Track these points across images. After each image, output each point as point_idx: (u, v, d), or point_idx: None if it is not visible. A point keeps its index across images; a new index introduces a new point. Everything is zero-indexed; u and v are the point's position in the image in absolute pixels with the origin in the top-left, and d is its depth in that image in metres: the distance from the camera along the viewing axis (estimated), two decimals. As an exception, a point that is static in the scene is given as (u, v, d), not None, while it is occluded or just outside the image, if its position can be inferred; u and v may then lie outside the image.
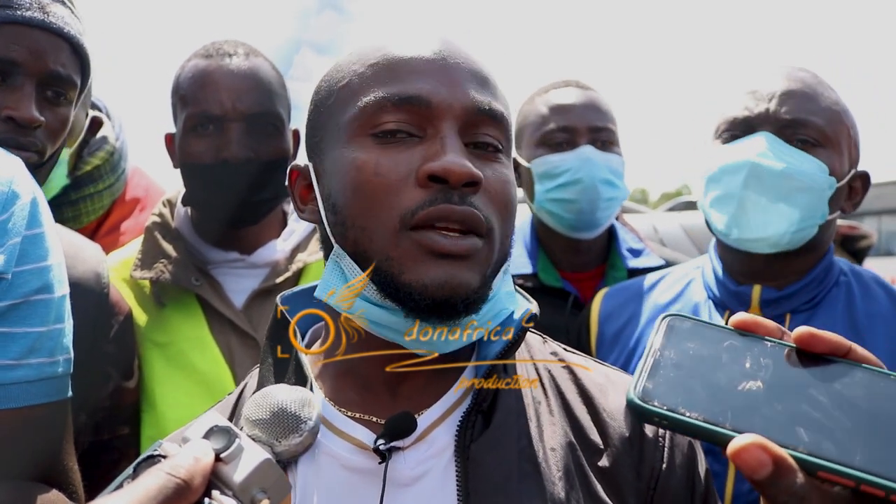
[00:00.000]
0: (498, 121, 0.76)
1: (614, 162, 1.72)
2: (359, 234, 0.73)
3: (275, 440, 0.69)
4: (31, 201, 0.89)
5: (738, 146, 1.27)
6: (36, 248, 0.88)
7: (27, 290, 0.87)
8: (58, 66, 1.13)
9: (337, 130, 0.77)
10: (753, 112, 1.27)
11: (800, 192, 1.23)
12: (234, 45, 1.44)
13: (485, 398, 0.76)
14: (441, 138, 0.72)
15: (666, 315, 0.58)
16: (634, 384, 0.52)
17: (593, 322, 1.48)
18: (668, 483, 0.77)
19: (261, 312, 1.42)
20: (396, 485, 0.73)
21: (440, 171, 0.70)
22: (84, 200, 1.69)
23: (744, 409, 0.50)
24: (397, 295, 0.71)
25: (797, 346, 0.53)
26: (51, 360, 0.90)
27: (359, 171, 0.73)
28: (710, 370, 0.53)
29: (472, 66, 0.77)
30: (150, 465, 0.60)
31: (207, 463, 0.59)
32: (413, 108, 0.73)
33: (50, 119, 1.14)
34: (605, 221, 1.75)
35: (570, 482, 0.74)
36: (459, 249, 0.71)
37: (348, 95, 0.77)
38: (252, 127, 1.38)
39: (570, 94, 1.72)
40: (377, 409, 0.77)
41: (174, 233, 1.47)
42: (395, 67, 0.75)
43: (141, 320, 1.43)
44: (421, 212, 0.70)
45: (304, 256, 1.47)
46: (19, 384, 0.87)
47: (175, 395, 1.39)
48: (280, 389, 0.73)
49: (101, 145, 1.71)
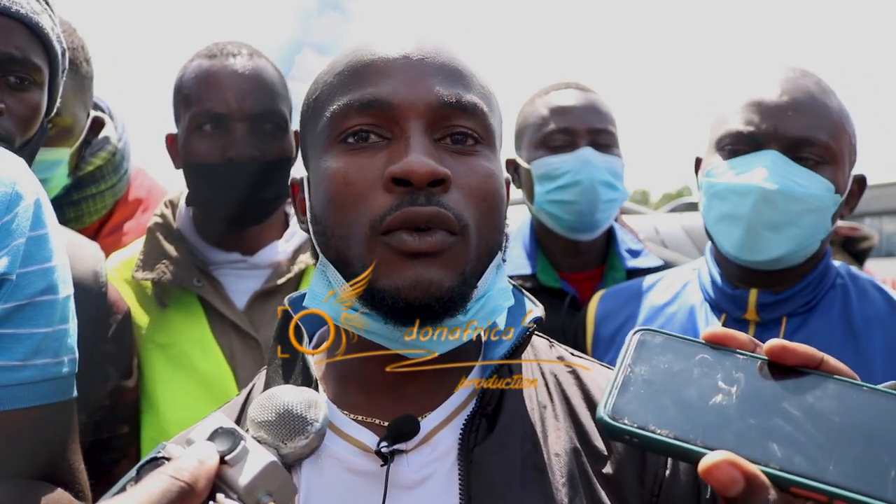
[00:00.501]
0: (470, 112, 0.75)
1: (614, 164, 1.72)
2: (338, 243, 0.73)
3: (280, 442, 0.68)
4: (35, 202, 0.89)
5: (745, 167, 1.25)
6: (40, 249, 0.88)
7: (32, 291, 0.86)
8: (10, 48, 1.06)
9: (314, 142, 0.78)
10: (760, 129, 1.25)
11: (808, 214, 1.23)
12: (237, 45, 1.45)
13: (489, 401, 0.75)
14: (406, 139, 0.72)
15: (637, 330, 0.57)
16: (605, 402, 0.52)
17: (589, 323, 1.48)
18: (672, 490, 0.76)
19: (262, 313, 1.43)
20: (399, 488, 0.73)
21: (400, 172, 0.70)
22: (86, 201, 1.68)
23: (715, 425, 0.49)
24: (374, 301, 0.71)
25: (769, 358, 0.53)
26: (56, 360, 0.90)
27: (331, 180, 0.73)
28: (681, 385, 0.52)
29: (440, 61, 0.76)
30: (153, 467, 0.59)
31: (212, 466, 0.58)
32: (375, 112, 0.73)
33: (14, 105, 1.08)
34: (605, 223, 1.75)
35: (574, 488, 0.73)
36: (425, 246, 0.70)
37: (319, 106, 0.78)
38: (256, 126, 1.39)
39: (570, 96, 1.73)
40: (381, 411, 0.77)
41: (176, 233, 1.47)
42: (359, 72, 0.75)
43: (142, 321, 1.43)
44: (389, 217, 0.70)
45: (305, 258, 1.47)
46: (25, 385, 0.87)
47: (176, 395, 1.39)
48: (286, 391, 0.71)
49: (103, 145, 1.70)
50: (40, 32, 1.10)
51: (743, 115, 1.28)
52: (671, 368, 0.53)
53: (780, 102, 1.25)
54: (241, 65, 1.41)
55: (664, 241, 3.09)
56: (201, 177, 1.41)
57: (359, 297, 0.72)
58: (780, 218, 1.22)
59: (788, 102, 1.25)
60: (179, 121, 1.44)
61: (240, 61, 1.41)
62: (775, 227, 1.23)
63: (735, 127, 1.28)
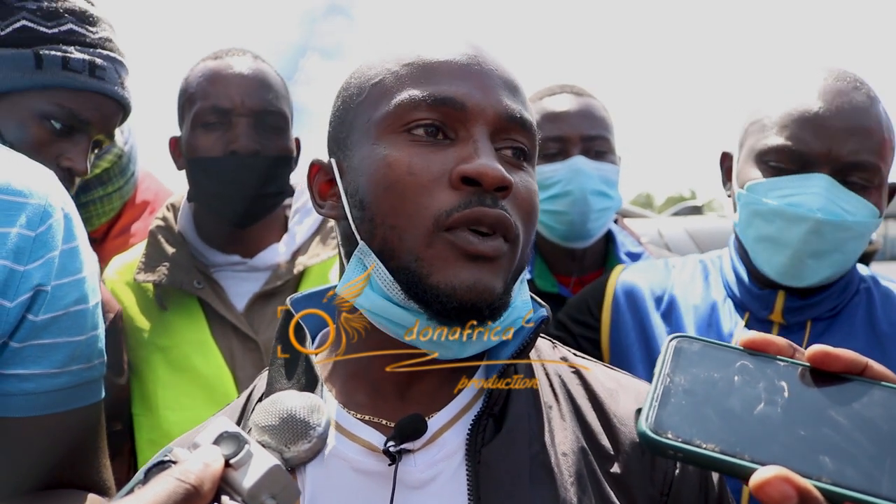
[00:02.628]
0: (527, 129, 0.77)
1: (607, 171, 1.70)
2: (388, 233, 0.72)
3: (284, 446, 0.69)
4: (65, 215, 0.92)
5: (794, 191, 1.17)
6: (72, 261, 0.92)
7: (67, 301, 0.90)
8: (112, 129, 1.26)
9: (367, 127, 0.76)
10: (812, 150, 1.16)
11: (852, 241, 1.18)
12: (241, 50, 1.49)
13: (496, 401, 0.75)
14: (474, 141, 0.73)
15: (673, 337, 0.55)
16: (646, 415, 0.49)
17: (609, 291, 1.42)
18: (681, 489, 0.76)
19: (262, 315, 1.43)
20: (406, 487, 0.73)
21: (474, 173, 0.70)
22: (93, 203, 1.70)
23: (762, 438, 0.47)
24: (424, 296, 0.70)
25: (811, 365, 0.51)
26: (89, 365, 0.95)
27: (390, 168, 0.72)
28: (723, 395, 0.50)
29: (505, 74, 0.78)
30: (160, 470, 0.60)
31: (217, 469, 0.59)
32: (447, 110, 0.73)
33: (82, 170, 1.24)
34: (598, 231, 1.74)
35: (583, 488, 0.73)
36: (488, 250, 0.70)
37: (381, 93, 0.76)
38: (259, 122, 1.41)
39: (563, 102, 1.70)
40: (387, 411, 0.77)
41: (177, 236, 1.48)
42: (430, 69, 0.75)
43: (143, 324, 1.44)
44: (456, 213, 0.70)
45: (304, 259, 1.48)
46: (62, 391, 0.92)
47: (176, 397, 1.40)
48: (289, 396, 0.72)
49: (110, 148, 1.72)
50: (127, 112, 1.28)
51: (793, 131, 1.18)
52: (711, 377, 0.52)
53: (836, 122, 1.16)
54: (244, 64, 1.44)
55: (668, 245, 3.09)
56: (204, 171, 1.43)
57: (404, 290, 0.71)
58: (827, 247, 1.18)
59: (844, 123, 1.16)
60: (183, 122, 1.46)
61: (243, 61, 1.44)
62: (820, 256, 1.19)
63: (783, 142, 1.18)
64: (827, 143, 1.15)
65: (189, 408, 1.38)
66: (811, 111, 1.17)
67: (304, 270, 1.47)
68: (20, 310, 0.86)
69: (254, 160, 1.39)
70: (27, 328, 0.88)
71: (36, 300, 0.87)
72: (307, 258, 1.48)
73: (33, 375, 0.89)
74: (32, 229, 0.87)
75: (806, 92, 1.20)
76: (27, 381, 0.89)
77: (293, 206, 1.56)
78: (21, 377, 0.89)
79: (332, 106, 0.84)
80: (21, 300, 0.86)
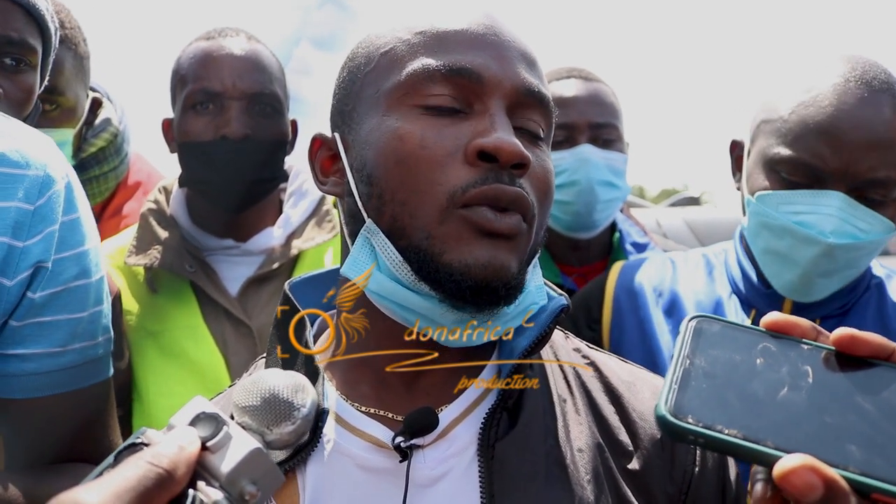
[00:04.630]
0: (544, 106, 0.73)
1: (615, 160, 1.65)
2: (398, 209, 0.68)
3: (266, 428, 0.65)
4: (66, 185, 0.88)
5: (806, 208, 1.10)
6: (73, 233, 0.88)
7: (67, 276, 0.87)
8: (9, 30, 1.07)
9: (376, 98, 0.72)
10: (828, 165, 1.08)
11: (866, 257, 1.14)
12: (234, 30, 1.45)
13: (510, 395, 0.72)
14: (490, 115, 0.69)
15: (692, 317, 0.53)
16: (665, 397, 0.47)
17: (609, 291, 1.38)
18: (700, 487, 0.73)
19: (255, 300, 1.41)
20: (415, 485, 0.69)
21: (492, 148, 0.66)
22: (90, 182, 1.68)
23: (786, 424, 0.46)
24: (436, 276, 0.66)
25: (836, 348, 0.49)
26: (93, 342, 0.92)
27: (402, 141, 0.68)
28: (745, 379, 0.48)
29: (522, 46, 0.74)
30: (131, 452, 0.56)
31: (192, 452, 0.55)
32: (463, 81, 0.69)
33: (10, 89, 1.09)
34: (604, 222, 1.70)
35: (599, 485, 0.70)
36: (504, 227, 0.66)
37: (392, 62, 0.72)
38: (252, 106, 1.38)
39: (570, 87, 1.65)
40: (393, 404, 0.73)
41: (169, 219, 1.46)
42: (445, 38, 0.71)
43: (134, 308, 1.41)
44: (472, 189, 0.66)
45: (299, 243, 1.45)
46: (66, 370, 0.89)
47: (167, 383, 1.38)
48: (272, 374, 0.68)
49: (105, 127, 1.71)
50: (36, 14, 1.10)
51: (808, 143, 1.09)
52: (732, 359, 0.49)
53: (855, 136, 1.07)
54: (237, 45, 1.41)
55: (666, 235, 3.08)
56: (195, 155, 1.40)
57: (415, 271, 0.67)
58: (838, 266, 1.13)
59: (864, 137, 1.07)
60: (175, 104, 1.43)
61: (236, 42, 1.41)
62: (830, 274, 1.14)
63: (797, 155, 1.10)
64: (844, 160, 1.07)
65: (180, 394, 1.34)
66: (828, 123, 1.08)
67: (298, 254, 1.45)
68: (20, 288, 0.83)
69: (246, 145, 1.37)
70: (26, 306, 0.85)
71: (36, 276, 0.84)
72: (302, 241, 1.45)
73: (34, 355, 0.86)
74: (31, 202, 0.83)
75: (824, 96, 1.10)
76: (28, 361, 0.86)
77: (288, 189, 1.53)
78: (22, 357, 0.86)
79: (337, 77, 0.80)
80: (21, 278, 0.83)
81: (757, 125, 1.20)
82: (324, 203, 1.51)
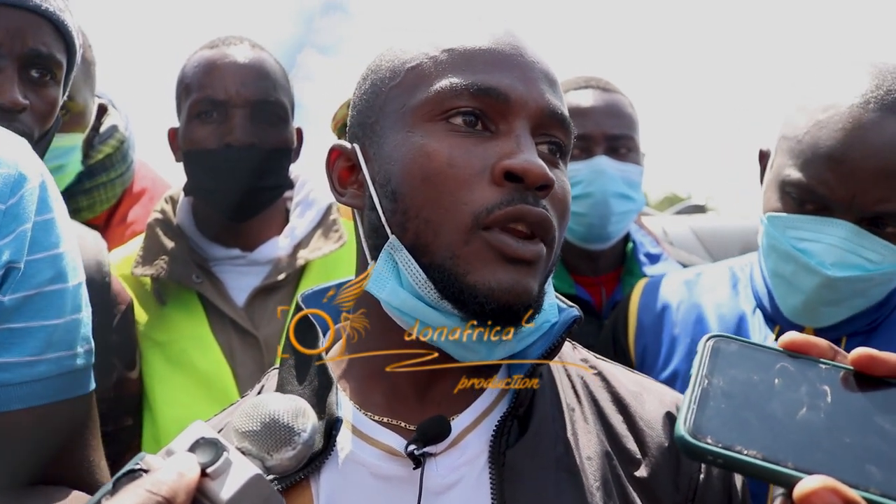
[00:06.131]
0: (565, 126, 0.74)
1: (631, 172, 1.65)
2: (422, 227, 0.69)
3: (266, 454, 0.64)
4: (41, 184, 0.85)
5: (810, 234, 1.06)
6: (47, 234, 0.84)
7: (41, 279, 0.82)
8: (39, 44, 1.08)
9: (402, 113, 0.72)
10: (835, 196, 1.02)
11: (879, 287, 1.09)
12: (238, 38, 1.46)
13: (522, 403, 0.73)
14: (516, 136, 0.70)
15: (710, 336, 0.53)
16: (684, 418, 0.47)
17: (632, 313, 1.36)
18: (706, 494, 0.74)
19: (262, 310, 1.41)
20: (428, 493, 0.70)
21: (519, 169, 0.67)
22: (97, 189, 1.69)
23: (806, 444, 0.45)
24: (460, 296, 0.67)
25: (855, 368, 0.49)
26: (71, 352, 0.86)
27: (429, 159, 0.69)
28: (763, 399, 0.48)
29: (545, 67, 0.75)
30: (130, 479, 0.55)
31: (192, 479, 0.54)
32: (490, 101, 0.70)
33: (35, 101, 1.10)
34: (618, 234, 1.70)
35: (608, 492, 0.71)
36: (528, 254, 0.68)
37: (419, 78, 0.73)
38: (256, 114, 1.39)
39: (588, 97, 1.64)
40: (405, 413, 0.74)
41: (176, 229, 1.46)
42: (472, 56, 0.72)
43: (141, 318, 1.41)
44: (498, 211, 0.67)
45: (306, 253, 1.45)
46: (40, 381, 0.83)
47: (174, 394, 1.37)
48: (272, 398, 0.68)
49: (112, 133, 1.72)
50: (64, 29, 1.12)
51: (817, 170, 1.04)
52: (750, 379, 0.49)
53: (866, 166, 1.00)
54: (241, 54, 1.41)
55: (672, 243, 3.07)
56: (200, 163, 1.41)
57: (438, 289, 0.68)
58: (843, 296, 1.08)
59: (875, 166, 1.00)
60: (180, 113, 1.44)
61: (240, 50, 1.42)
62: (836, 304, 1.11)
63: (805, 180, 1.05)
64: (851, 190, 1.01)
65: (187, 404, 1.35)
66: (838, 150, 1.02)
67: (305, 264, 1.44)
68: None
69: (250, 153, 1.37)
70: None
71: (7, 278, 0.80)
72: (309, 252, 1.45)
73: (5, 364, 0.81)
74: (3, 201, 0.80)
75: (839, 118, 1.03)
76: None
77: (294, 199, 1.53)
78: None
79: (357, 88, 0.80)
80: None
81: (779, 136, 1.16)
82: (330, 213, 1.51)
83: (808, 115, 1.09)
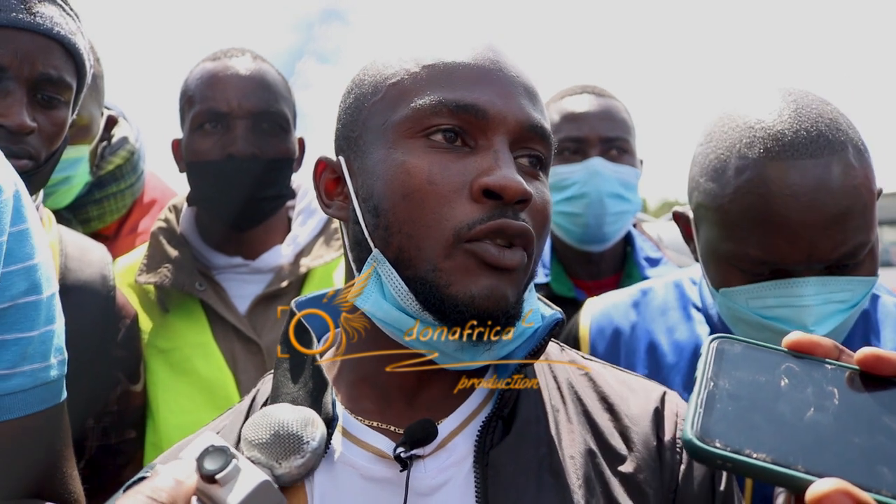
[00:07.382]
0: (545, 139, 0.75)
1: (626, 174, 1.68)
2: (404, 241, 0.70)
3: (275, 462, 0.66)
4: (14, 195, 0.83)
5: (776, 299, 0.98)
6: (22, 245, 0.83)
7: (15, 292, 0.81)
8: (49, 68, 1.09)
9: (384, 129, 0.74)
10: (792, 259, 0.94)
11: (851, 320, 1.02)
12: (240, 49, 1.48)
13: (506, 403, 0.74)
14: (494, 152, 0.71)
15: (714, 338, 0.52)
16: (691, 421, 0.46)
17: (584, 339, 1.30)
18: (689, 485, 0.75)
19: (264, 318, 1.42)
20: (416, 494, 0.71)
21: (496, 186, 0.68)
22: (108, 199, 1.72)
23: (815, 446, 0.44)
24: (441, 307, 0.68)
25: (860, 368, 0.48)
26: (44, 364, 0.85)
27: (409, 175, 0.70)
28: (770, 400, 0.47)
29: (525, 81, 0.76)
30: None
31: (191, 486, 0.56)
32: (468, 118, 0.71)
33: (44, 123, 1.11)
34: (615, 235, 1.71)
35: (591, 490, 0.72)
36: (509, 262, 0.69)
37: (399, 94, 0.74)
38: (258, 125, 1.41)
39: (583, 102, 1.68)
40: (395, 417, 0.76)
41: (179, 238, 1.47)
42: (452, 72, 0.73)
43: (145, 326, 1.42)
44: (480, 226, 0.68)
45: (308, 261, 1.46)
46: (15, 394, 0.82)
47: (178, 401, 1.39)
48: (282, 409, 0.70)
49: (122, 144, 1.75)
50: (75, 52, 1.13)
51: (760, 240, 0.95)
52: (756, 380, 0.48)
53: (811, 222, 0.92)
54: (242, 65, 1.43)
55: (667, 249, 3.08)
56: (202, 174, 1.43)
57: (420, 301, 0.69)
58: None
59: (821, 220, 0.92)
60: (184, 124, 1.46)
61: (242, 62, 1.44)
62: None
63: (750, 252, 0.96)
64: (805, 250, 0.93)
65: (190, 411, 1.36)
66: (774, 214, 0.93)
67: (307, 272, 1.46)
68: None
69: (252, 163, 1.39)
70: None
71: None
72: (310, 260, 1.46)
73: None
74: None
75: (761, 179, 0.94)
76: None
77: (296, 207, 1.55)
78: None
79: (342, 101, 0.82)
80: None
81: (696, 205, 1.06)
82: (332, 221, 1.53)
83: (721, 180, 0.99)
